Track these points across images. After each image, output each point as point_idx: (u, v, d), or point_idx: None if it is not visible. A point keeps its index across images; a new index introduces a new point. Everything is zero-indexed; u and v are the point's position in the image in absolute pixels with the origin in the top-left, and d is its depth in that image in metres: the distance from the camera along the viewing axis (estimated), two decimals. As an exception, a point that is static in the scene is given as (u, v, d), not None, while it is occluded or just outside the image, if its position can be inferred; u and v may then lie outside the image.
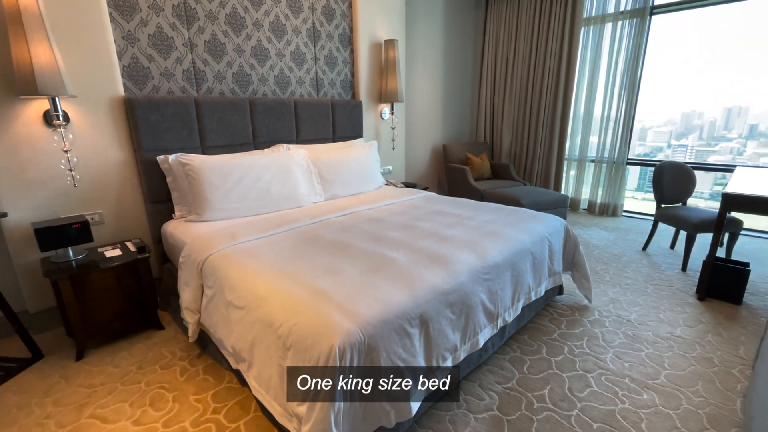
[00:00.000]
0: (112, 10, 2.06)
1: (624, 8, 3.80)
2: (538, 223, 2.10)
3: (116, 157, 2.16)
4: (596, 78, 4.10)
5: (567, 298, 2.40)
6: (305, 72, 3.00)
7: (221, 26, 2.48)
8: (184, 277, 1.84)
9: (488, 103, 4.86)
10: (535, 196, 3.52)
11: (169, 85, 2.34)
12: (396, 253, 1.62)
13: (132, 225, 2.29)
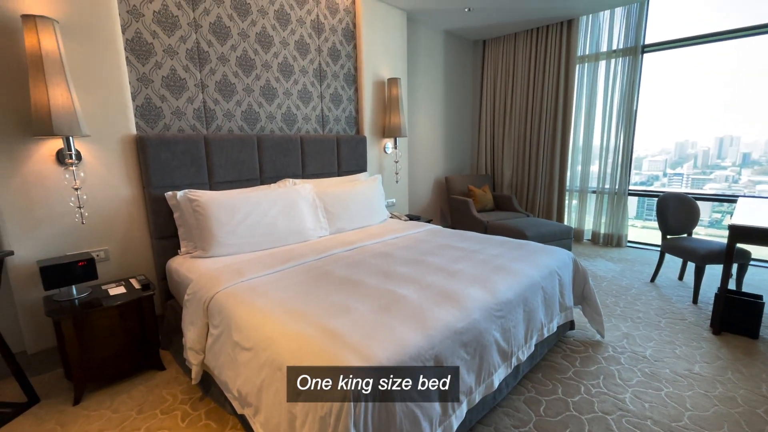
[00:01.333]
0: (129, 54, 2.15)
1: (616, 47, 3.97)
2: (546, 257, 2.09)
3: (125, 194, 2.18)
4: (593, 111, 4.21)
5: (579, 333, 2.34)
6: (311, 109, 3.09)
7: (232, 68, 2.58)
8: (189, 315, 1.80)
9: (488, 137, 4.97)
10: (539, 227, 3.52)
11: (180, 124, 2.40)
12: (406, 290, 1.60)
13: (137, 261, 2.27)
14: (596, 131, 4.25)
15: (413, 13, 3.75)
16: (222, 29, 2.50)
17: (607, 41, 4.02)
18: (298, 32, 2.91)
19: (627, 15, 3.86)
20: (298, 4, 2.88)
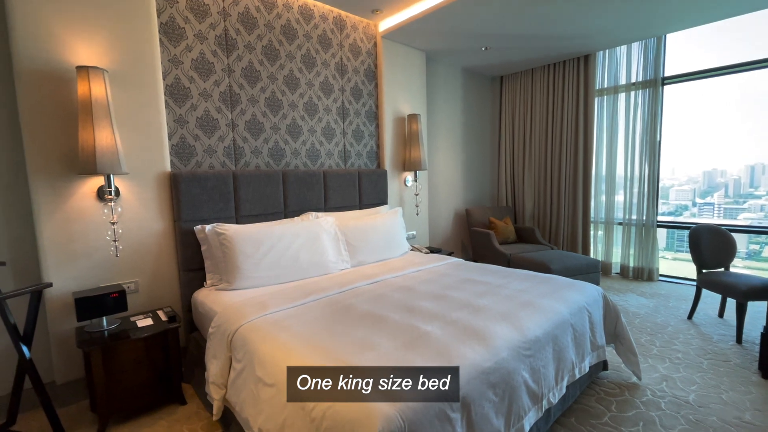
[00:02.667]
0: (168, 97, 2.31)
1: (636, 80, 3.99)
2: (574, 292, 2.02)
3: (157, 228, 2.27)
4: (615, 142, 4.18)
5: (613, 374, 2.21)
6: (334, 145, 3.20)
7: (261, 108, 2.73)
8: (212, 348, 1.81)
9: (508, 169, 4.98)
10: (564, 260, 3.42)
11: (211, 161, 2.52)
12: (430, 326, 1.57)
13: (164, 293, 2.33)
14: (619, 161, 4.19)
15: (432, 52, 3.91)
16: (253, 73, 2.67)
17: (626, 74, 4.05)
18: (323, 74, 3.07)
19: (644, 49, 3.90)
20: (323, 48, 3.06)
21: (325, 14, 3.04)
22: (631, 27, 3.44)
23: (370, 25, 3.37)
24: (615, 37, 3.69)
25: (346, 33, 3.20)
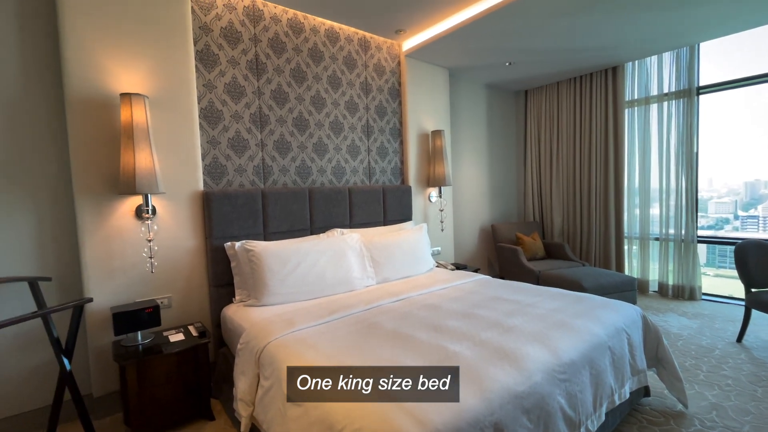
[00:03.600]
0: (202, 120, 2.43)
1: (668, 90, 3.85)
2: (611, 312, 1.92)
3: (190, 245, 2.35)
4: (648, 154, 4.03)
5: (656, 401, 2.07)
6: (359, 162, 3.24)
7: (288, 128, 2.81)
8: (240, 365, 1.83)
9: (535, 183, 4.88)
10: (597, 278, 3.28)
11: (241, 179, 2.60)
12: (459, 346, 1.53)
13: (195, 308, 2.39)
14: (653, 174, 4.03)
15: (455, 69, 3.94)
16: (281, 95, 2.77)
17: (657, 85, 3.93)
18: (348, 93, 3.15)
19: (676, 59, 3.78)
20: (349, 68, 3.14)
21: (350, 36, 3.13)
22: (662, 37, 3.35)
23: (393, 45, 3.44)
24: (645, 47, 3.60)
25: (370, 53, 3.27)
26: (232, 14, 2.53)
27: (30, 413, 2.01)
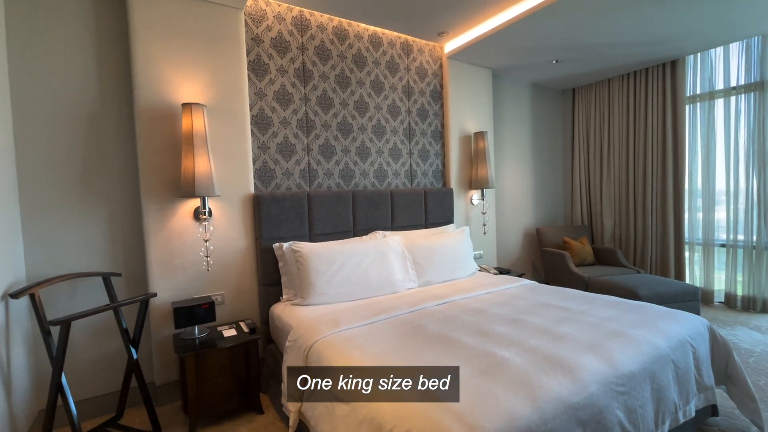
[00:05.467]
0: (254, 127, 2.55)
1: (736, 84, 3.54)
2: (673, 323, 1.79)
3: (241, 245, 2.47)
4: (712, 153, 3.72)
5: (726, 422, 1.90)
6: (401, 165, 3.26)
7: (333, 132, 2.89)
8: (289, 361, 1.89)
9: (583, 186, 4.65)
10: (654, 286, 3.07)
11: (288, 183, 2.71)
12: (507, 352, 1.49)
13: (245, 306, 2.51)
14: (719, 174, 3.71)
15: (498, 69, 3.86)
16: (326, 100, 2.85)
17: (723, 78, 3.62)
18: (391, 97, 3.18)
19: (746, 49, 3.47)
20: (391, 72, 3.17)
21: (393, 41, 3.17)
22: (728, 26, 3.09)
23: (435, 47, 3.43)
24: (709, 38, 3.33)
25: (412, 57, 3.29)
26: (281, 25, 2.65)
27: (101, 397, 2.20)
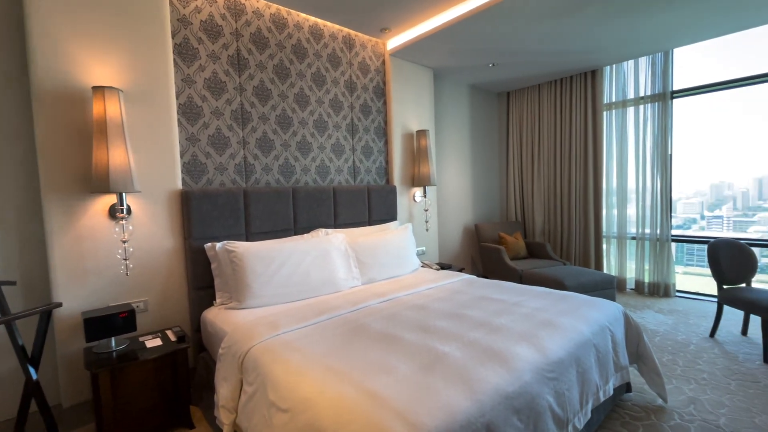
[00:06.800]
0: (181, 116, 2.33)
1: (644, 94, 3.98)
2: (594, 311, 1.95)
3: (167, 246, 2.25)
4: (625, 156, 4.15)
5: (637, 397, 2.12)
6: (344, 161, 3.20)
7: (272, 125, 2.74)
8: (222, 370, 1.76)
9: (517, 184, 4.95)
10: (578, 276, 3.35)
11: (222, 178, 2.52)
12: (448, 347, 1.51)
13: (174, 312, 2.29)
14: (630, 175, 4.15)
15: (439, 69, 3.95)
16: (264, 91, 2.70)
17: (634, 88, 4.05)
18: (333, 91, 3.10)
19: (652, 63, 3.90)
20: (333, 66, 3.09)
21: (334, 33, 3.09)
22: (638, 42, 3.45)
23: (378, 43, 3.41)
24: (622, 52, 3.70)
25: (355, 51, 3.24)
26: (212, 7, 2.45)
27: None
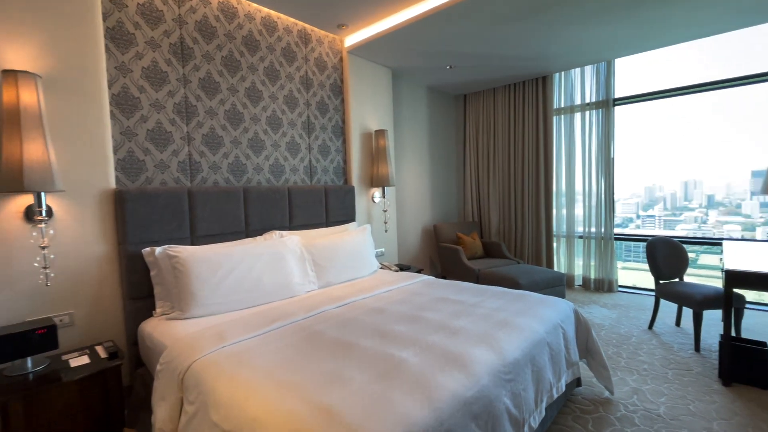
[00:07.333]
0: (114, 108, 2.11)
1: (590, 100, 4.20)
2: (548, 309, 2.00)
3: (98, 252, 2.02)
4: (573, 159, 4.36)
5: (586, 390, 2.20)
6: (299, 160, 3.07)
7: (220, 121, 2.57)
8: (160, 388, 1.59)
9: (474, 185, 5.05)
10: (531, 274, 3.46)
11: (163, 177, 2.31)
12: (405, 353, 1.47)
13: (106, 325, 2.06)
14: (578, 177, 4.37)
15: (398, 70, 3.92)
16: (211, 84, 2.52)
17: (581, 95, 4.27)
18: (287, 87, 2.97)
19: (596, 72, 4.13)
20: (288, 61, 2.96)
21: (289, 27, 2.96)
22: (583, 51, 3.64)
23: (336, 40, 3.32)
24: (569, 60, 3.88)
25: (311, 47, 3.12)
26: (151, -10, 2.24)
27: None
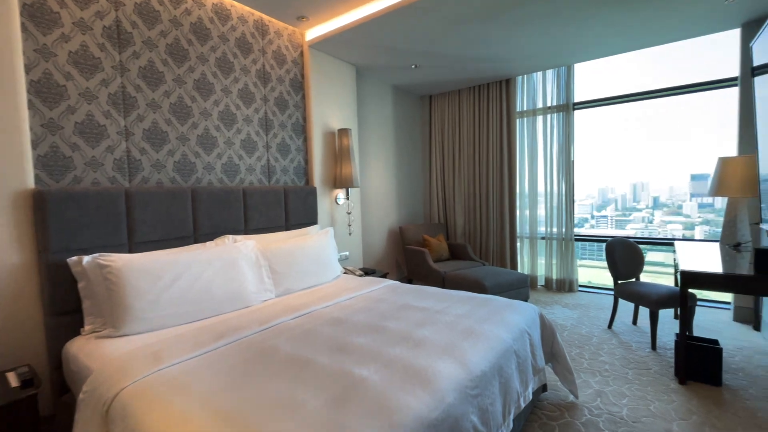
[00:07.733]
0: (33, 96, 1.84)
1: (551, 104, 4.28)
2: (514, 314, 1.95)
3: (12, 262, 1.75)
4: (535, 161, 4.43)
5: (552, 395, 2.17)
6: (256, 159, 2.87)
7: (164, 115, 2.33)
8: (82, 422, 1.37)
9: (439, 186, 5.02)
10: (496, 276, 3.45)
11: (95, 176, 2.05)
12: (366, 370, 1.34)
13: (20, 347, 1.79)
14: (540, 179, 4.44)
15: (362, 67, 3.80)
16: (154, 74, 2.28)
17: (542, 98, 4.34)
18: (242, 81, 2.76)
19: (557, 76, 4.21)
20: (243, 53, 2.76)
21: (244, 16, 2.76)
22: (544, 55, 3.68)
23: (296, 32, 3.15)
24: (531, 63, 3.93)
25: (269, 39, 2.93)
26: (80, -36, 1.98)
27: None
